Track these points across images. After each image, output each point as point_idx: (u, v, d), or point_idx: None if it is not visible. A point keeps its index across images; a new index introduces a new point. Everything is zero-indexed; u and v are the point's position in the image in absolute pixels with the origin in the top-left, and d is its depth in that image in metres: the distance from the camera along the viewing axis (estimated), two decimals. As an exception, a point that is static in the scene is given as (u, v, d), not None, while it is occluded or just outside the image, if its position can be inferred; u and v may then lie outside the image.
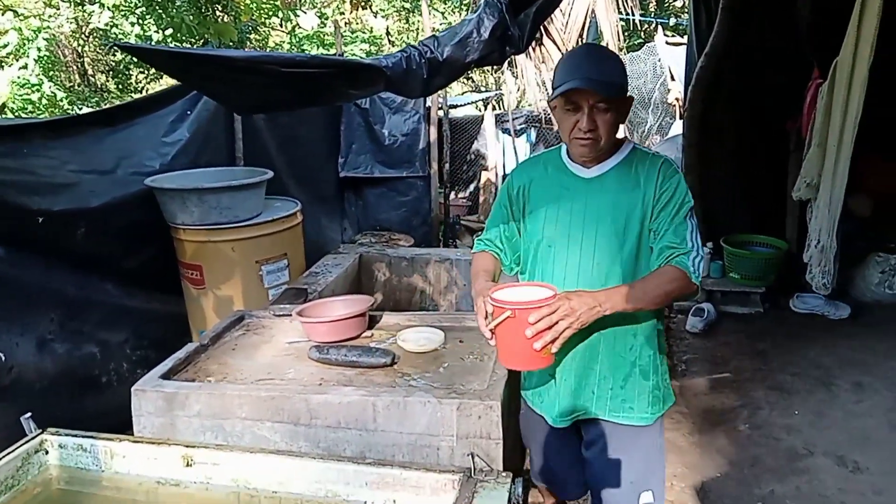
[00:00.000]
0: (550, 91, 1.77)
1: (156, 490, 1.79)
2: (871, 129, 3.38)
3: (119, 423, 2.02)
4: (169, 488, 1.78)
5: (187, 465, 1.77)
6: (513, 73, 6.91)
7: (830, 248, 3.09)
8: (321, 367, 2.04)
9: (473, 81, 13.18)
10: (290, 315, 2.29)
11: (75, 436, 1.76)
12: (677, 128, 6.89)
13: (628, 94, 1.74)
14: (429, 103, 5.16)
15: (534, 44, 5.58)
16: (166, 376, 1.91)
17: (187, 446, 1.78)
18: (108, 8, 7.56)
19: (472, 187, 7.97)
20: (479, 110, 9.25)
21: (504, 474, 1.49)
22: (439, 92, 5.23)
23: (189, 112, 3.35)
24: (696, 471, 2.92)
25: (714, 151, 4.80)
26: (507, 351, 1.59)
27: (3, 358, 2.60)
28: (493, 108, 8.97)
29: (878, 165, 4.44)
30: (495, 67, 9.15)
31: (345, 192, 5.12)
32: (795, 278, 4.27)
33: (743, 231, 4.80)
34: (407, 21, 14.06)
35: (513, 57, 4.20)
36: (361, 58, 6.43)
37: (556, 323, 1.49)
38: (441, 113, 5.80)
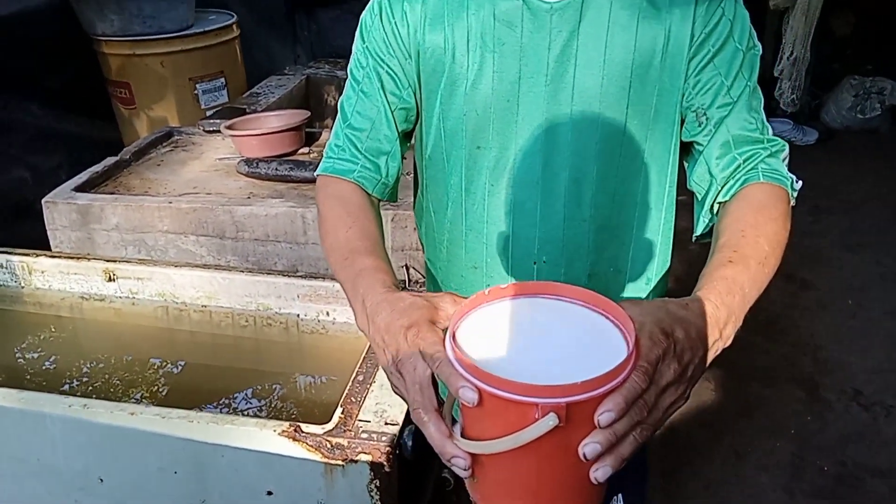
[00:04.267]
0: None
1: (80, 305, 1.74)
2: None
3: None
4: (94, 303, 1.73)
5: (110, 279, 1.71)
6: None
7: (803, 61, 2.94)
8: (251, 181, 1.94)
9: None
10: (220, 131, 2.14)
11: (-12, 252, 1.68)
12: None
13: None
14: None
15: None
16: (81, 189, 1.79)
17: (108, 260, 1.70)
18: None
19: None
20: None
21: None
22: None
23: None
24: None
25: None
26: (515, 495, 0.62)
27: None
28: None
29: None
30: None
31: (296, 14, 4.75)
32: (765, 102, 4.14)
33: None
34: None
35: None
36: None
37: (656, 405, 0.59)
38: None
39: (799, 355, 2.61)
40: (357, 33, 0.98)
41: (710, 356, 0.66)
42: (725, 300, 0.69)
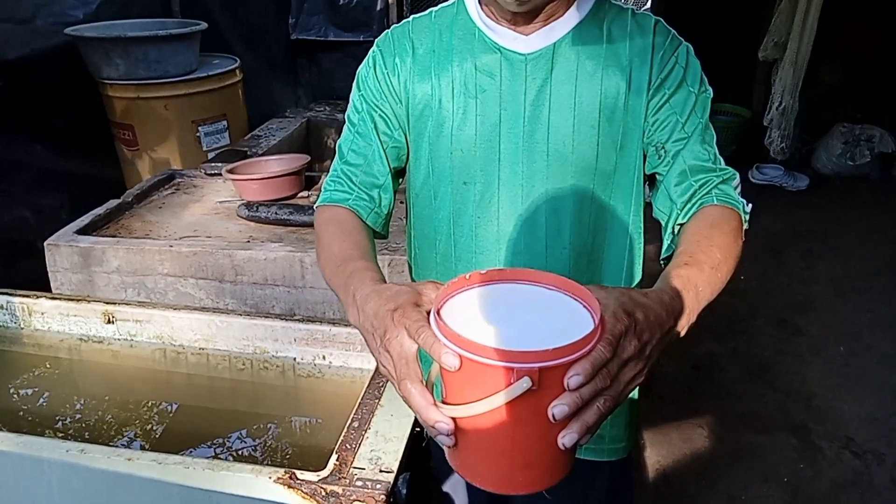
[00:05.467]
0: None
1: (78, 347, 1.75)
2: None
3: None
4: (92, 345, 1.74)
5: (108, 321, 1.72)
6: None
7: (792, 111, 3.01)
8: (251, 225, 1.97)
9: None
10: (221, 174, 2.18)
11: (-11, 293, 1.70)
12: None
13: None
14: (387, -41, 4.81)
15: None
16: (83, 231, 1.82)
17: (107, 303, 1.72)
18: None
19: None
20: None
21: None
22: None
23: (116, -43, 3.05)
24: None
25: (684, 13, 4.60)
26: (492, 458, 0.67)
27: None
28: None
29: (850, 26, 4.29)
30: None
31: (297, 57, 4.85)
32: (757, 149, 4.22)
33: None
34: None
35: None
36: None
37: (617, 377, 0.66)
38: (402, -28, 5.42)
39: (792, 402, 2.62)
40: (354, 84, 1.09)
41: (666, 339, 0.73)
42: (681, 294, 0.77)
